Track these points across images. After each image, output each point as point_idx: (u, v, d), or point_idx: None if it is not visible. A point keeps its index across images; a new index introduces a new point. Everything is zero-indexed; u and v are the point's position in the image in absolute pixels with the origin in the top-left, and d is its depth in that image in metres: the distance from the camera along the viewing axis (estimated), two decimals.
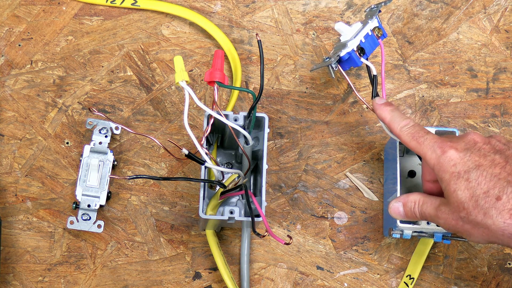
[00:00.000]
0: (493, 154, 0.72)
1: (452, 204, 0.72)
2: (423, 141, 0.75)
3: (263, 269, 0.88)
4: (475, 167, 0.71)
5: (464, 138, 0.74)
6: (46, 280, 0.86)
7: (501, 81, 0.95)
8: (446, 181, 0.72)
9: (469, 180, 0.70)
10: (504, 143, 0.74)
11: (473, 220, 0.70)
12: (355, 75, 0.95)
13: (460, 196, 0.70)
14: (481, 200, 0.69)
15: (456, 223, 0.72)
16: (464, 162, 0.71)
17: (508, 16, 0.97)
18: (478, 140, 0.73)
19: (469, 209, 0.70)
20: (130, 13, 0.95)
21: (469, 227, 0.71)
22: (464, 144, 0.73)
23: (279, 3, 0.96)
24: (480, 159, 0.71)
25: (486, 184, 0.70)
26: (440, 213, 0.73)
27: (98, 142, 0.87)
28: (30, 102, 0.91)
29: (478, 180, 0.70)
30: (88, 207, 0.84)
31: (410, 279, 0.87)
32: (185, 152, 0.74)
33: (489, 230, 0.69)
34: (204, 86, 0.93)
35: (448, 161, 0.72)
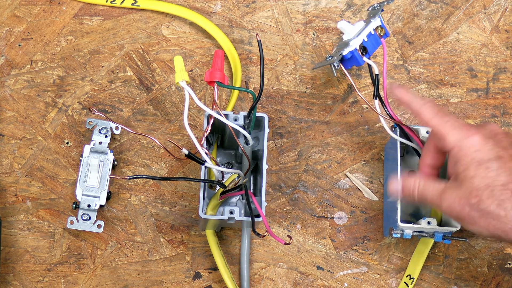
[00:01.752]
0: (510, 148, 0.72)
1: (464, 189, 0.71)
2: (447, 119, 0.74)
3: (263, 269, 0.88)
4: (497, 157, 0.70)
5: (486, 127, 0.74)
6: (46, 280, 0.86)
7: (501, 81, 0.95)
8: (464, 165, 0.71)
9: (489, 169, 0.70)
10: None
11: (484, 209, 0.69)
12: (355, 75, 0.95)
13: (477, 183, 0.70)
14: (497, 191, 0.69)
15: (462, 208, 0.71)
16: (487, 150, 0.71)
17: (508, 16, 0.97)
18: (498, 132, 0.73)
19: (483, 197, 0.69)
20: (130, 13, 0.95)
21: (476, 215, 0.70)
22: (487, 133, 0.72)
23: (279, 3, 0.96)
24: (501, 151, 0.71)
25: (505, 177, 0.69)
26: (445, 196, 0.73)
27: (98, 142, 0.87)
28: (30, 102, 0.91)
29: (498, 171, 0.70)
30: (88, 207, 0.84)
31: (410, 279, 0.87)
32: (185, 152, 0.74)
33: (498, 221, 0.69)
34: (204, 86, 0.93)
35: (471, 145, 0.71)
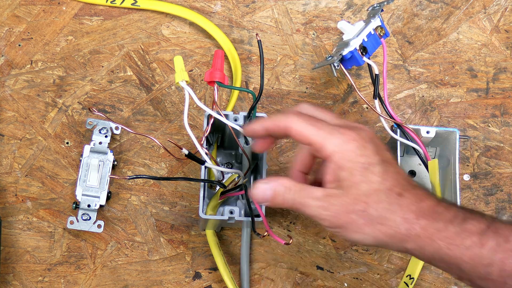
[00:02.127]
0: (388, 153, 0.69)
1: (349, 196, 0.66)
2: (321, 125, 0.68)
3: (263, 269, 0.88)
4: (381, 161, 0.67)
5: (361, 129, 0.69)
6: (46, 280, 0.86)
7: (501, 81, 0.95)
8: (348, 170, 0.66)
9: (374, 173, 0.66)
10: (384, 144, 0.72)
11: (370, 215, 0.66)
12: (355, 75, 0.95)
13: (364, 189, 0.66)
14: (383, 195, 0.66)
15: (348, 217, 0.66)
16: (370, 154, 0.67)
17: (508, 16, 0.97)
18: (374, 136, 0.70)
19: (370, 203, 0.66)
20: (130, 13, 0.95)
21: (361, 222, 0.66)
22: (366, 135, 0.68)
23: (279, 3, 0.96)
24: (382, 155, 0.68)
25: (390, 181, 0.67)
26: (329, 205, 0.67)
27: (98, 142, 0.87)
28: (30, 102, 0.91)
29: (384, 175, 0.66)
30: (88, 207, 0.84)
31: (410, 279, 0.87)
32: (185, 152, 0.74)
33: (385, 226, 0.66)
34: (204, 86, 0.93)
35: (354, 149, 0.67)
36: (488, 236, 0.64)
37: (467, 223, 0.65)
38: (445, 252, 0.65)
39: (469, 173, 0.92)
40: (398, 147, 0.84)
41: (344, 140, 0.67)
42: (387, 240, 0.67)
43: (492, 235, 0.64)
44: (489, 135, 0.93)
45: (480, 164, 0.92)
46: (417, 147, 0.84)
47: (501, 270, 0.63)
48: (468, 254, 0.64)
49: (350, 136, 0.67)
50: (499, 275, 0.63)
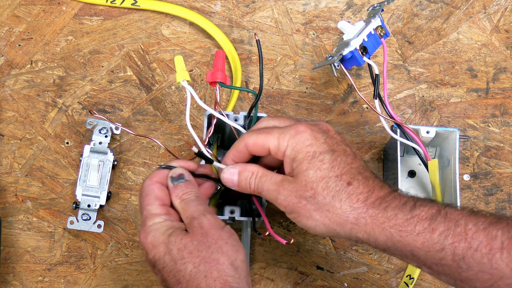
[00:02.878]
0: (344, 145, 0.71)
1: (299, 183, 0.69)
2: (271, 130, 0.71)
3: (263, 269, 0.88)
4: (330, 150, 0.69)
5: (317, 124, 0.72)
6: (46, 280, 0.86)
7: (501, 81, 0.95)
8: (298, 160, 0.69)
9: (323, 162, 0.68)
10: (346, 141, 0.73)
11: (319, 202, 0.68)
12: (355, 75, 0.95)
13: (311, 176, 0.68)
14: (332, 182, 0.68)
15: (298, 201, 0.69)
16: (320, 143, 0.69)
17: (508, 16, 0.97)
18: (330, 129, 0.72)
19: (318, 190, 0.68)
20: (130, 13, 0.95)
21: (311, 208, 0.68)
22: (318, 128, 0.71)
23: (279, 3, 0.97)
24: (334, 145, 0.70)
25: (340, 169, 0.68)
26: (282, 189, 0.70)
27: (98, 142, 0.87)
28: (30, 102, 0.91)
29: (332, 163, 0.68)
30: (88, 207, 0.84)
31: (410, 279, 0.87)
32: (195, 150, 0.74)
33: (333, 213, 0.68)
34: (204, 86, 0.93)
35: (303, 140, 0.69)
36: (438, 221, 0.65)
37: (417, 209, 0.66)
38: (397, 240, 0.66)
39: (469, 173, 0.92)
40: (398, 147, 0.84)
41: (294, 133, 0.70)
42: (338, 229, 0.68)
43: (442, 220, 0.65)
44: (489, 135, 0.93)
45: (480, 164, 0.92)
46: (417, 147, 0.84)
47: (454, 254, 0.64)
48: (419, 240, 0.65)
49: (299, 129, 0.70)
50: (452, 259, 0.64)
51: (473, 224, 0.64)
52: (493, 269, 0.62)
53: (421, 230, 0.65)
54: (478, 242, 0.63)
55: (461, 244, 0.63)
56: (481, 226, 0.63)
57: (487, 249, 0.63)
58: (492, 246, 0.62)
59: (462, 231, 0.64)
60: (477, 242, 0.63)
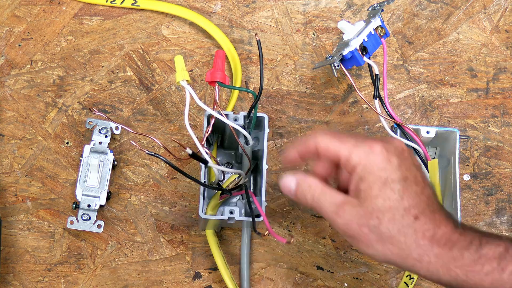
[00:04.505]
0: (415, 169, 0.67)
1: (365, 209, 0.65)
2: (346, 139, 0.68)
3: (263, 269, 0.88)
4: (402, 178, 0.65)
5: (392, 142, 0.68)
6: (46, 280, 0.86)
7: (501, 81, 0.95)
8: (368, 182, 0.65)
9: (393, 191, 0.65)
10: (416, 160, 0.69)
11: (383, 233, 0.65)
12: (355, 75, 0.95)
13: (379, 204, 0.65)
14: (399, 215, 0.64)
15: (360, 229, 0.65)
16: (393, 169, 0.66)
17: (508, 16, 0.97)
18: (404, 149, 0.68)
19: (384, 220, 0.65)
20: (130, 13, 0.95)
21: (374, 238, 0.65)
22: (393, 149, 0.67)
23: (279, 3, 0.97)
24: (406, 171, 0.66)
25: (409, 201, 0.65)
26: (343, 212, 0.66)
27: (98, 142, 0.87)
28: (30, 102, 0.91)
29: (402, 194, 0.65)
30: (88, 207, 0.84)
31: (410, 279, 0.87)
32: (189, 151, 0.74)
33: (396, 247, 0.65)
34: (204, 86, 0.93)
35: (378, 162, 0.66)
36: (507, 260, 0.63)
37: (484, 248, 0.64)
38: (463, 279, 0.64)
39: (469, 173, 0.92)
40: None
41: (369, 152, 0.66)
42: (399, 261, 0.66)
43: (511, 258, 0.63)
44: (489, 135, 0.93)
45: (480, 164, 0.92)
46: (417, 147, 0.84)
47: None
48: (488, 280, 0.63)
49: (375, 149, 0.66)
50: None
51: None
52: None
53: (489, 270, 0.63)
54: None
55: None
56: None
57: None
58: None
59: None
60: None
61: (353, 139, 0.68)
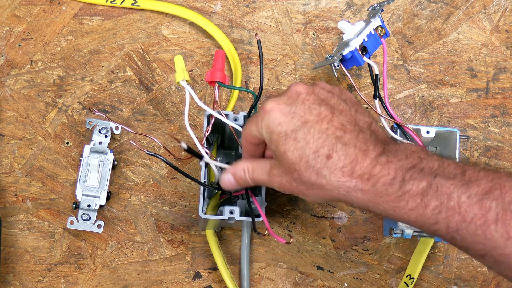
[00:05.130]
0: (318, 107, 0.68)
1: (283, 166, 0.68)
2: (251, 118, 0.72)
3: (263, 269, 0.88)
4: (301, 124, 0.66)
5: (287, 92, 0.69)
6: (46, 280, 0.86)
7: (501, 81, 0.95)
8: (274, 142, 0.68)
9: (297, 140, 0.66)
10: (328, 91, 0.70)
11: (306, 181, 0.67)
12: (355, 75, 0.95)
13: (290, 157, 0.66)
14: (311, 160, 0.66)
15: (290, 185, 0.68)
16: (289, 120, 0.67)
17: (508, 16, 0.97)
18: (301, 91, 0.69)
19: (301, 170, 0.66)
20: (130, 13, 0.95)
21: (303, 188, 0.68)
22: (286, 99, 0.68)
23: (279, 3, 0.97)
24: (306, 114, 0.67)
25: (315, 143, 0.66)
26: (273, 176, 0.70)
27: (98, 142, 0.87)
28: (30, 102, 0.91)
29: (306, 138, 0.66)
30: (88, 207, 0.84)
31: (410, 279, 0.87)
32: (184, 146, 0.74)
33: (324, 189, 0.66)
34: (204, 86, 0.93)
35: (272, 120, 0.67)
36: (430, 196, 0.64)
37: (408, 184, 0.65)
38: (391, 214, 0.66)
39: None
40: None
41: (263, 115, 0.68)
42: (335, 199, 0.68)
43: (434, 194, 0.64)
44: (489, 135, 0.93)
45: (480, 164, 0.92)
46: None
47: (448, 227, 0.63)
48: (413, 215, 0.65)
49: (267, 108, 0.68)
50: (446, 232, 0.64)
51: (467, 197, 0.63)
52: (487, 240, 0.62)
53: (414, 206, 0.64)
54: (472, 215, 0.62)
55: (455, 218, 0.63)
56: (475, 199, 0.62)
57: (482, 221, 0.62)
58: (486, 218, 0.62)
59: (455, 205, 0.63)
60: (471, 215, 0.62)
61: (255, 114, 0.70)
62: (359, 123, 0.69)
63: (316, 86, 0.70)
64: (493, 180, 0.64)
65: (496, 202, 0.62)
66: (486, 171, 0.65)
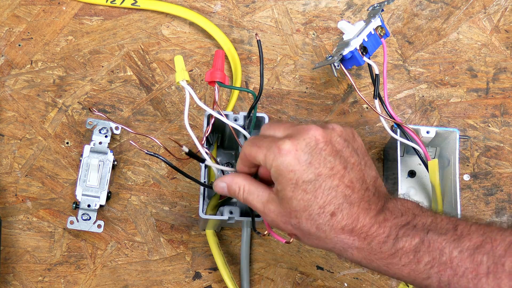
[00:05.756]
0: (333, 159, 0.67)
1: (284, 208, 0.67)
2: (262, 143, 0.69)
3: (263, 269, 0.88)
4: (314, 177, 0.66)
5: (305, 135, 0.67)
6: (46, 280, 0.86)
7: (501, 81, 0.95)
8: (281, 184, 0.67)
9: (306, 191, 0.66)
10: (344, 139, 0.69)
11: (304, 231, 0.67)
12: (355, 75, 0.95)
13: (294, 205, 0.66)
14: (315, 214, 0.66)
15: (285, 226, 0.68)
16: (304, 169, 0.66)
17: (508, 16, 0.97)
18: (319, 139, 0.67)
19: (302, 220, 0.66)
20: (130, 13, 0.95)
21: (299, 233, 0.68)
22: (305, 145, 0.66)
23: (279, 3, 0.97)
24: (320, 167, 0.66)
25: (323, 198, 0.66)
26: (268, 211, 0.69)
27: (98, 142, 0.87)
28: (30, 102, 0.91)
29: (315, 192, 0.66)
30: (88, 207, 0.84)
31: None
32: (186, 150, 0.74)
33: (320, 240, 0.67)
34: (204, 86, 0.93)
35: (286, 164, 0.66)
36: (422, 251, 0.65)
37: (400, 241, 0.66)
38: (384, 270, 0.67)
39: (469, 173, 0.92)
40: (398, 147, 0.84)
41: (278, 154, 0.67)
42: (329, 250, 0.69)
43: (426, 250, 0.65)
44: (489, 135, 0.93)
45: (480, 164, 0.92)
46: (417, 147, 0.84)
47: (439, 281, 0.64)
48: (406, 270, 0.66)
49: (283, 149, 0.66)
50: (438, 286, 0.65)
51: (458, 251, 0.64)
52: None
53: (406, 262, 0.65)
54: (464, 268, 0.63)
55: (447, 272, 0.64)
56: (466, 253, 0.63)
57: (473, 274, 0.63)
58: (478, 272, 0.62)
59: (447, 260, 0.64)
60: (463, 268, 0.63)
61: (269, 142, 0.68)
62: (367, 180, 0.69)
63: (333, 133, 0.69)
64: (485, 234, 0.64)
65: (487, 255, 0.63)
66: (477, 225, 0.65)
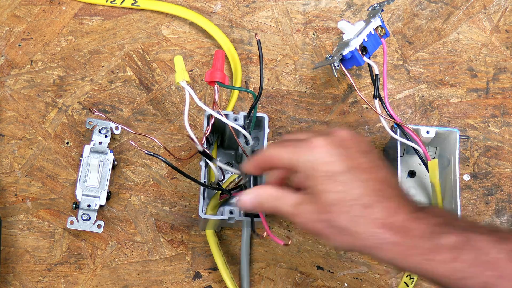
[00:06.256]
0: (360, 156, 0.67)
1: (317, 204, 0.66)
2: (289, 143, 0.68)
3: (263, 269, 0.88)
4: (347, 169, 0.65)
5: (331, 134, 0.68)
6: (46, 280, 0.86)
7: (501, 81, 0.95)
8: (313, 179, 0.66)
9: (339, 183, 0.65)
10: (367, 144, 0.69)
11: (336, 226, 0.65)
12: (355, 75, 0.95)
13: (328, 199, 0.65)
14: (349, 207, 0.65)
15: (317, 224, 0.66)
16: (336, 161, 0.65)
17: (508, 16, 0.97)
18: (346, 137, 0.67)
19: (335, 214, 0.65)
20: (130, 13, 0.95)
21: (331, 232, 0.66)
22: (334, 141, 0.67)
23: (279, 3, 0.97)
24: (349, 160, 0.66)
25: (357, 190, 0.65)
26: (299, 212, 0.67)
27: (98, 142, 0.87)
28: (30, 102, 0.91)
29: (349, 184, 0.65)
30: (88, 207, 0.84)
31: (410, 279, 0.87)
32: (200, 149, 0.74)
33: (353, 237, 0.65)
34: (204, 86, 0.93)
35: (318, 157, 0.66)
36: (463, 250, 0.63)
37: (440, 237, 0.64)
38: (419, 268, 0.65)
39: (469, 173, 0.92)
40: (398, 147, 0.84)
41: (308, 149, 0.66)
42: (359, 250, 0.67)
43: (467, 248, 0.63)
44: (489, 135, 0.93)
45: (480, 164, 0.92)
46: (417, 147, 0.84)
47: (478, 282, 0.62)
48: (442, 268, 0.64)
49: (314, 144, 0.66)
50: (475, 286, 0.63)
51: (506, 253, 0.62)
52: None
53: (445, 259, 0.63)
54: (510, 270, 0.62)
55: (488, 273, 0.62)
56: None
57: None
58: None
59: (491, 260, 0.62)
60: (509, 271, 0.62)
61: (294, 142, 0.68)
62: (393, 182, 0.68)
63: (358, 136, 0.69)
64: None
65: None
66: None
